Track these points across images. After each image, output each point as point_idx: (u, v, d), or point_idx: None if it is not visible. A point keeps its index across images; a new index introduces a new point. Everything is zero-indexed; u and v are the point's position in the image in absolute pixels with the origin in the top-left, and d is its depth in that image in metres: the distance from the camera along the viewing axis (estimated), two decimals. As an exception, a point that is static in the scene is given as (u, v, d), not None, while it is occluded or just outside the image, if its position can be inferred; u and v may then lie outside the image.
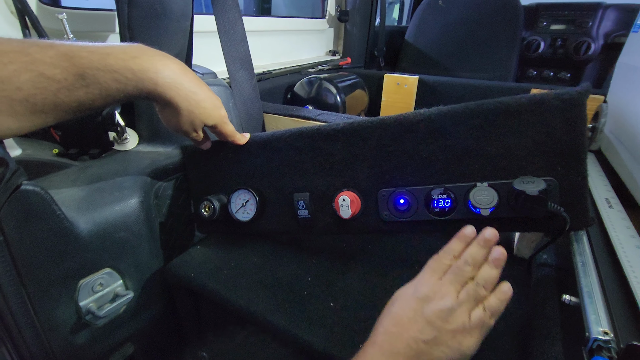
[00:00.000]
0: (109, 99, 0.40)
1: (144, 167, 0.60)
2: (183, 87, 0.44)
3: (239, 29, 0.76)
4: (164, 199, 0.64)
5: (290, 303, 0.51)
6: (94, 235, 0.50)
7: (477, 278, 0.40)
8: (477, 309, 0.38)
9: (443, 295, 0.38)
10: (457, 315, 0.37)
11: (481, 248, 0.41)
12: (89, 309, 0.51)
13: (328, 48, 1.79)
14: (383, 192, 0.53)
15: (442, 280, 0.40)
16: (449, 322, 0.37)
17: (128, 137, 0.67)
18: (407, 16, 2.64)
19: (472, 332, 0.37)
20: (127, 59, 0.39)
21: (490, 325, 0.39)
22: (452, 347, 0.36)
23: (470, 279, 0.40)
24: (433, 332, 0.36)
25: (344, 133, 0.53)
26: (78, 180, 0.55)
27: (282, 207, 0.60)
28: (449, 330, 0.36)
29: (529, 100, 0.44)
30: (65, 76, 0.36)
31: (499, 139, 0.46)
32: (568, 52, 1.79)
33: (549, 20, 1.85)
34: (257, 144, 0.60)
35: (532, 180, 0.43)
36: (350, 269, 0.58)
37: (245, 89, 0.80)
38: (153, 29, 0.61)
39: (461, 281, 0.39)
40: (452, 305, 0.37)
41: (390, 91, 1.38)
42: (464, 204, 0.48)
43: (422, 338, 0.36)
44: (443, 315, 0.37)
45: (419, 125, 0.49)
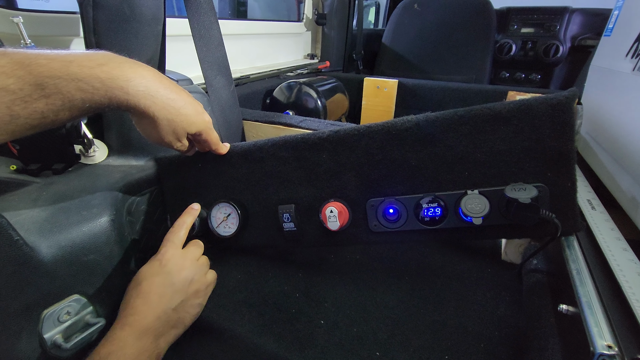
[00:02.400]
0: (74, 111, 0.36)
1: (115, 182, 0.56)
2: (159, 94, 0.41)
3: (215, 33, 0.73)
4: (138, 215, 0.60)
5: (278, 323, 0.48)
6: (58, 260, 0.46)
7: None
8: (210, 271, 0.51)
9: (187, 265, 0.47)
10: (198, 278, 0.47)
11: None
12: (55, 341, 0.46)
13: (306, 52, 1.77)
14: (372, 202, 0.51)
15: (183, 251, 0.49)
16: (192, 285, 0.46)
17: (96, 150, 0.62)
18: (383, 19, 2.66)
19: (208, 288, 0.49)
20: (93, 67, 0.35)
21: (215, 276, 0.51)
22: (194, 305, 0.46)
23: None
24: (181, 297, 0.44)
25: (330, 142, 0.51)
26: (40, 200, 0.50)
27: (266, 220, 0.57)
28: (192, 292, 0.46)
29: (518, 106, 0.43)
30: (21, 86, 0.32)
31: (489, 145, 0.45)
32: (538, 54, 1.86)
33: (520, 23, 1.91)
34: (238, 154, 0.56)
35: (523, 187, 0.42)
36: (339, 283, 0.55)
37: (223, 95, 0.77)
38: (121, 34, 0.57)
39: (199, 250, 0.51)
40: (196, 271, 0.47)
41: (370, 94, 1.37)
42: (455, 213, 0.47)
43: (172, 306, 0.42)
44: (188, 281, 0.45)
45: (407, 132, 0.48)
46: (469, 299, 0.51)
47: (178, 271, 0.45)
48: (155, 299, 0.42)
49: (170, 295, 0.43)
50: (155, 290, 0.43)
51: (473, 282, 0.54)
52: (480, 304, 0.50)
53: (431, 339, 0.45)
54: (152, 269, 0.45)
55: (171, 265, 0.45)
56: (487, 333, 0.45)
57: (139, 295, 0.42)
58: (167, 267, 0.45)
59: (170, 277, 0.44)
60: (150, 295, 0.42)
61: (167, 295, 0.43)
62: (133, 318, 0.40)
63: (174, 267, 0.45)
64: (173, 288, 0.44)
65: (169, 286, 0.44)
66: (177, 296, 0.44)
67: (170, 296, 0.43)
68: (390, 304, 0.51)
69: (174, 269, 0.45)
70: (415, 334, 0.46)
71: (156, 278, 0.44)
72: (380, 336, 0.46)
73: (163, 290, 0.43)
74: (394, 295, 0.53)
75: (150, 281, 0.43)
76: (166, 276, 0.44)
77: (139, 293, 0.42)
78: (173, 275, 0.45)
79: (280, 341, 0.45)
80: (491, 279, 0.55)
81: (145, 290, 0.43)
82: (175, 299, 0.43)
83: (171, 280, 0.44)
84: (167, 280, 0.44)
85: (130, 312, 0.41)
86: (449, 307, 0.50)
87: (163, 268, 0.45)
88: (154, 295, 0.42)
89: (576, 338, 0.34)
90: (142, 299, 0.42)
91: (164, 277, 0.44)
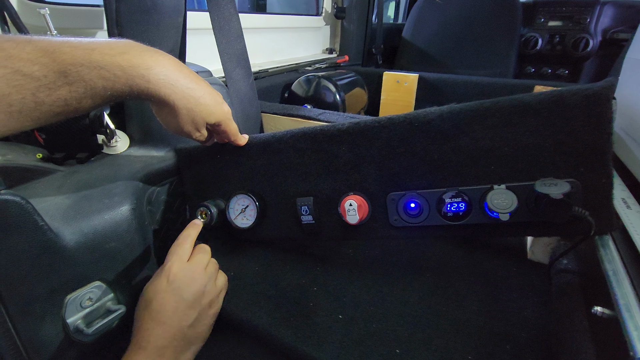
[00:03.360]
0: (96, 99, 0.36)
1: (136, 172, 0.57)
2: (179, 83, 0.40)
3: (235, 25, 0.73)
4: (158, 205, 0.60)
5: (295, 316, 0.48)
6: (81, 246, 0.47)
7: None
8: (220, 275, 0.49)
9: (196, 277, 0.44)
10: (209, 289, 0.45)
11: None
12: (77, 326, 0.47)
13: (324, 46, 1.75)
14: (392, 196, 0.49)
15: (190, 262, 0.45)
16: (205, 297, 0.43)
17: (118, 140, 0.63)
18: (403, 14, 2.61)
19: (220, 295, 0.47)
20: (114, 55, 0.35)
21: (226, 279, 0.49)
22: (210, 315, 0.44)
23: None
24: (194, 313, 0.42)
25: (350, 134, 0.50)
26: (64, 187, 0.51)
27: (284, 212, 0.56)
28: (206, 304, 0.43)
29: (549, 98, 0.41)
30: (45, 73, 0.32)
31: (517, 138, 0.43)
32: (566, 48, 1.78)
33: (547, 16, 1.83)
34: (257, 146, 0.56)
35: (554, 182, 0.40)
36: (358, 278, 0.54)
37: (242, 87, 0.77)
38: (143, 25, 0.57)
39: (206, 257, 0.47)
40: (206, 282, 0.44)
41: (389, 89, 1.35)
42: (480, 208, 0.45)
43: (187, 324, 0.40)
44: (200, 294, 0.43)
45: (430, 124, 0.46)
46: (493, 298, 0.49)
47: (188, 285, 0.42)
48: (167, 318, 0.40)
49: (183, 311, 0.41)
50: (167, 309, 0.40)
51: (497, 281, 0.52)
52: (505, 304, 0.48)
53: (454, 338, 0.43)
54: (160, 285, 0.42)
55: (179, 280, 0.42)
56: (514, 334, 0.43)
57: (151, 316, 0.40)
58: (176, 283, 0.42)
59: (180, 292, 0.41)
60: (162, 315, 0.40)
61: (179, 311, 0.40)
62: (147, 341, 0.38)
63: (182, 281, 0.42)
64: (185, 304, 0.41)
65: (180, 302, 0.41)
66: (191, 312, 0.41)
67: (184, 312, 0.41)
68: (411, 300, 0.49)
69: (183, 283, 0.42)
70: (437, 333, 0.44)
71: (166, 295, 0.41)
72: (400, 333, 0.44)
73: (175, 307, 0.40)
74: (415, 292, 0.51)
75: (160, 300, 0.41)
76: (176, 292, 0.41)
77: (150, 314, 0.40)
78: (183, 290, 0.42)
79: (297, 334, 0.45)
80: (517, 278, 0.53)
81: (156, 309, 0.40)
82: (190, 315, 0.41)
83: (182, 295, 0.41)
84: (178, 297, 0.41)
85: (143, 336, 0.39)
86: (472, 306, 0.48)
87: (171, 284, 0.42)
88: (166, 314, 0.40)
89: (613, 342, 0.32)
90: (154, 320, 0.39)
91: (174, 294, 0.41)
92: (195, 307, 0.42)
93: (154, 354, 0.37)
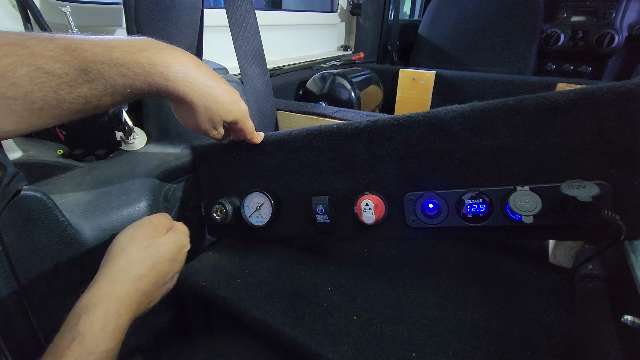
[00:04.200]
0: (116, 96, 0.36)
1: (153, 169, 0.57)
2: (197, 81, 0.40)
3: (251, 22, 0.72)
4: (174, 202, 0.61)
5: (310, 316, 0.47)
6: (100, 242, 0.47)
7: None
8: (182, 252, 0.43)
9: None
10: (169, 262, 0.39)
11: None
12: (96, 320, 0.48)
13: (339, 43, 1.74)
14: (410, 196, 0.48)
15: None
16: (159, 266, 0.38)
17: (136, 137, 0.64)
18: (419, 10, 2.57)
19: (174, 277, 0.42)
20: (134, 52, 0.35)
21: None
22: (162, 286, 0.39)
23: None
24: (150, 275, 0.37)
25: (367, 132, 0.49)
26: (83, 183, 0.52)
27: (299, 211, 0.56)
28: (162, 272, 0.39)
29: (579, 95, 0.39)
30: (67, 70, 0.32)
31: (543, 138, 0.41)
32: (589, 44, 1.72)
33: (570, 11, 1.77)
34: (272, 144, 0.56)
35: (582, 184, 0.38)
36: (372, 279, 0.54)
37: (258, 85, 0.76)
38: (162, 22, 0.57)
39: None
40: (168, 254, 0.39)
41: (405, 86, 1.33)
42: (501, 210, 0.44)
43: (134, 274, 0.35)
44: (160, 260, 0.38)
45: (451, 123, 0.45)
46: (513, 303, 0.48)
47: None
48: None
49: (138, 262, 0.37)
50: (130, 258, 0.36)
51: (517, 285, 0.51)
52: (525, 309, 0.47)
53: (472, 343, 0.42)
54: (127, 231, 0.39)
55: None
56: (534, 341, 0.42)
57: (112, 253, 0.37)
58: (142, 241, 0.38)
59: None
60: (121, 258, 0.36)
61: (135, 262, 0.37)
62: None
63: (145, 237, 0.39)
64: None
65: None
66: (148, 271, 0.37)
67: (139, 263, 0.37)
68: (427, 303, 0.48)
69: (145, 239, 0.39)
70: (454, 337, 0.43)
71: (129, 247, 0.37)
72: (416, 336, 0.43)
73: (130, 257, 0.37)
74: (431, 294, 0.50)
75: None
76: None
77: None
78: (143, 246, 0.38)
79: (312, 334, 0.44)
80: (538, 282, 0.51)
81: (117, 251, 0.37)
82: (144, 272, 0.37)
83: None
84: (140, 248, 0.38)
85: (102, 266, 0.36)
86: (490, 310, 0.47)
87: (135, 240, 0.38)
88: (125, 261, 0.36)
89: (644, 353, 0.30)
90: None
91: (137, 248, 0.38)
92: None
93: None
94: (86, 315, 0.30)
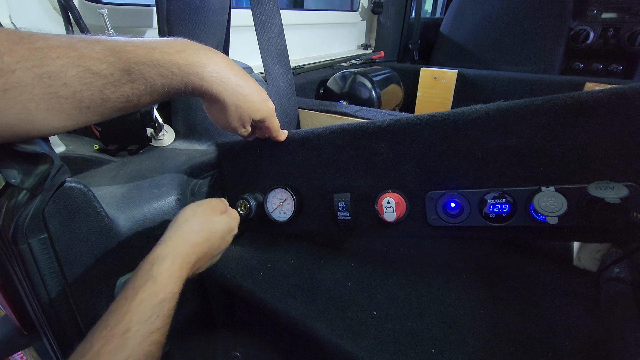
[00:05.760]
0: (155, 95, 0.38)
1: (181, 164, 0.59)
2: (229, 80, 0.42)
3: (276, 22, 0.74)
4: (200, 196, 0.63)
5: (330, 310, 0.49)
6: (132, 232, 0.50)
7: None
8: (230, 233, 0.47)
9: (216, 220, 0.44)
10: (222, 236, 0.45)
11: None
12: (128, 306, 0.51)
13: (360, 42, 1.74)
14: (432, 195, 0.49)
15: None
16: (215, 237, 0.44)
17: (165, 134, 0.66)
18: (441, 8, 2.54)
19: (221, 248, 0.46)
20: (172, 53, 0.37)
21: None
22: (213, 254, 0.44)
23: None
24: (207, 244, 0.42)
25: (390, 131, 0.50)
26: (117, 177, 0.55)
27: (321, 207, 0.57)
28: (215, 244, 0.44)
29: (609, 95, 0.38)
30: (112, 71, 0.34)
31: (570, 138, 0.41)
32: (621, 42, 1.65)
33: (600, 8, 1.71)
34: (296, 141, 0.57)
35: (610, 185, 0.38)
36: (392, 275, 0.54)
37: (281, 83, 0.78)
38: (191, 23, 0.60)
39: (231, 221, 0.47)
40: (222, 229, 0.45)
41: (426, 86, 1.32)
42: (525, 210, 0.44)
43: (195, 241, 0.41)
44: (216, 232, 0.44)
45: (475, 122, 0.45)
46: (534, 304, 0.47)
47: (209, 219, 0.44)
48: (186, 232, 0.41)
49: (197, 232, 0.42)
50: (192, 227, 0.42)
51: (540, 287, 0.50)
52: (547, 311, 0.46)
53: (492, 341, 0.42)
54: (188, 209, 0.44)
55: (204, 214, 0.45)
56: (556, 342, 0.42)
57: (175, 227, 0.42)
58: (201, 216, 0.44)
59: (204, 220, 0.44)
60: (184, 228, 0.41)
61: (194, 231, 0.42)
62: (165, 243, 0.39)
63: (205, 213, 0.45)
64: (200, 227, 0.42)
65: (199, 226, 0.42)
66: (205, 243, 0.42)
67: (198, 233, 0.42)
68: (447, 301, 0.49)
69: (206, 216, 0.44)
70: (474, 335, 0.43)
71: (192, 218, 0.43)
72: (435, 333, 0.44)
73: (191, 227, 0.42)
74: (451, 292, 0.50)
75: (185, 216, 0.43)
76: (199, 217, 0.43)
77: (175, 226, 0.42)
78: (206, 221, 0.44)
79: (332, 327, 0.46)
80: (561, 284, 0.51)
81: (179, 223, 0.42)
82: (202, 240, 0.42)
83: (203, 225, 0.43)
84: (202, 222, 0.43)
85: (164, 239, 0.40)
86: (511, 310, 0.47)
87: (196, 214, 0.44)
88: (188, 229, 0.41)
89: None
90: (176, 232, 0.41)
91: (198, 217, 0.43)
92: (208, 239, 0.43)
93: (169, 247, 0.38)
94: (157, 264, 0.36)
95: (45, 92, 0.31)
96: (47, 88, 0.31)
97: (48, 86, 0.31)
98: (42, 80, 0.30)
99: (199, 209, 0.44)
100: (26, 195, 0.37)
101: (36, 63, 0.30)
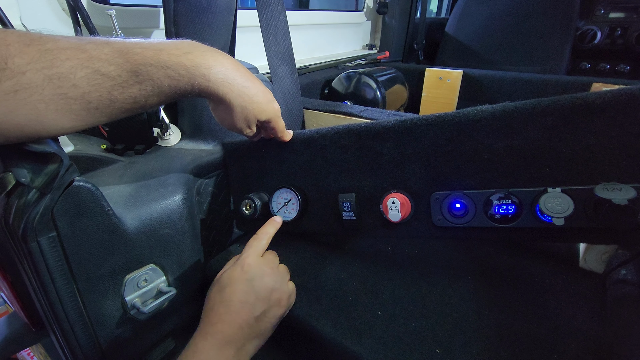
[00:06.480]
0: (162, 97, 0.39)
1: (187, 164, 0.60)
2: (235, 82, 0.42)
3: (282, 23, 0.74)
4: (205, 196, 0.63)
5: (335, 309, 0.49)
6: (139, 231, 0.50)
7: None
8: (290, 281, 0.49)
9: (268, 272, 0.45)
10: (280, 287, 0.45)
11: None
12: (134, 304, 0.51)
13: (365, 42, 1.74)
14: (437, 195, 0.49)
15: (264, 258, 0.47)
16: (274, 293, 0.44)
17: (171, 133, 0.67)
18: (447, 8, 2.53)
19: (290, 298, 0.47)
20: (179, 55, 0.38)
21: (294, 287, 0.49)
22: (276, 315, 0.44)
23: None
24: (263, 306, 0.42)
25: (396, 131, 0.50)
26: (124, 176, 0.55)
27: (325, 207, 0.57)
28: (274, 300, 0.44)
29: (617, 96, 0.38)
30: (120, 73, 0.35)
31: (577, 139, 0.41)
32: (629, 42, 1.64)
33: (608, 7, 1.69)
34: (301, 141, 0.57)
35: (617, 187, 0.38)
36: (396, 276, 0.54)
37: (286, 84, 0.78)
38: (198, 24, 0.60)
39: (277, 259, 0.49)
40: (277, 279, 0.45)
41: (431, 86, 1.31)
42: (531, 211, 0.43)
43: (254, 315, 0.40)
44: (269, 289, 0.43)
45: (481, 123, 0.45)
46: (539, 305, 0.47)
47: (260, 277, 0.43)
48: (238, 306, 0.40)
49: (252, 303, 0.41)
50: (239, 298, 0.41)
51: (545, 288, 0.50)
52: (553, 312, 0.46)
53: (496, 342, 0.42)
54: (234, 273, 0.43)
55: (253, 272, 0.43)
56: (562, 344, 0.42)
57: (223, 302, 0.41)
58: (249, 274, 0.43)
59: (252, 283, 0.42)
60: (233, 303, 0.40)
61: (249, 302, 0.41)
62: (216, 327, 0.38)
63: (255, 273, 0.43)
64: (255, 295, 0.42)
65: (251, 293, 0.42)
66: (260, 304, 0.41)
67: (253, 304, 0.41)
68: (451, 301, 0.49)
69: (256, 275, 0.43)
70: (479, 336, 0.43)
71: (239, 285, 0.42)
72: (440, 333, 0.44)
73: (246, 298, 0.41)
74: (455, 293, 0.50)
75: (233, 288, 0.41)
76: (249, 283, 0.42)
77: (222, 300, 0.41)
78: (255, 281, 0.43)
79: (336, 327, 0.46)
80: (566, 286, 0.50)
81: (227, 297, 0.41)
82: (258, 308, 0.41)
83: (253, 287, 0.42)
84: (250, 287, 0.42)
85: (213, 321, 0.39)
86: (516, 312, 0.46)
87: (245, 274, 0.43)
88: (237, 303, 0.40)
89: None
90: (225, 306, 0.40)
91: (247, 284, 0.42)
92: (264, 301, 0.42)
93: (220, 342, 0.38)
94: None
95: (54, 93, 0.31)
96: (57, 89, 0.31)
97: (57, 87, 0.31)
98: (52, 81, 0.31)
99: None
100: (36, 194, 0.38)
101: (46, 65, 0.30)
